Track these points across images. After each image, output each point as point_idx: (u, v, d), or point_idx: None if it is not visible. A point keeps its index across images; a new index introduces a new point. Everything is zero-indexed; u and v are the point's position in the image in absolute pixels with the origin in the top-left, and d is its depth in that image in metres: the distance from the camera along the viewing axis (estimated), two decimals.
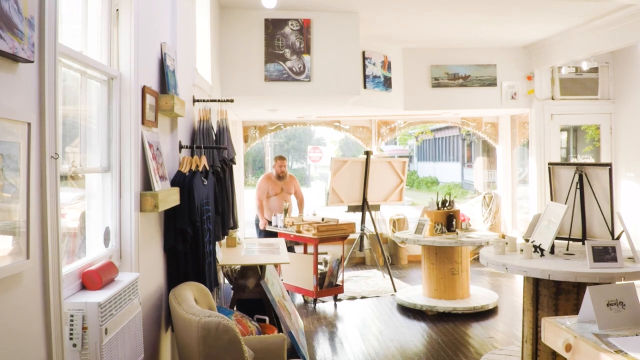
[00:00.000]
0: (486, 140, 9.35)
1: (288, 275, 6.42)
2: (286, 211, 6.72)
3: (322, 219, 6.36)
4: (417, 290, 6.41)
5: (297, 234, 6.28)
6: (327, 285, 6.16)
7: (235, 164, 4.70)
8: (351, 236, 8.57)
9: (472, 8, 5.78)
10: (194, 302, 2.82)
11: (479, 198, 9.25)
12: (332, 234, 6.21)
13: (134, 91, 2.62)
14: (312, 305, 6.13)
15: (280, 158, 7.26)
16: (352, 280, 7.32)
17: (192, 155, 3.49)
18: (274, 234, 6.61)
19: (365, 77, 6.70)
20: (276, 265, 5.36)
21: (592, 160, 8.06)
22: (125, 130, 2.61)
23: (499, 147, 9.11)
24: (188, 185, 3.18)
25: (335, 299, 6.32)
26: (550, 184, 4.18)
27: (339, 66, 5.88)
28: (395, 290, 6.70)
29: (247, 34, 5.73)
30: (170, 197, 2.93)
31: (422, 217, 6.15)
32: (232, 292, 4.56)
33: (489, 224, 8.89)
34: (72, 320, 1.97)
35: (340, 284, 6.37)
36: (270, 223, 6.91)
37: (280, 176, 7.13)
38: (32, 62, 1.66)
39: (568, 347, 1.74)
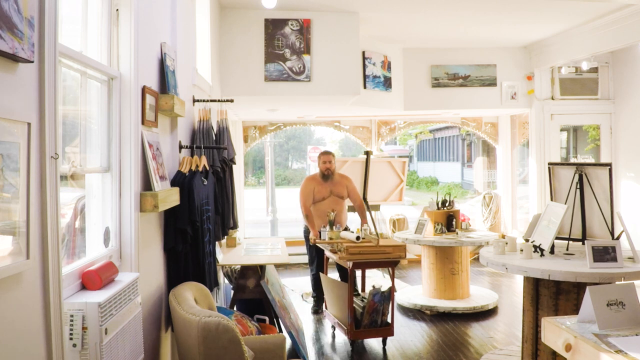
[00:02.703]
0: (486, 140, 9.35)
1: (331, 305, 5.09)
2: (332, 223, 5.13)
3: (357, 238, 4.66)
4: (417, 290, 6.41)
5: (333, 254, 4.87)
6: (368, 324, 4.63)
7: (235, 164, 4.70)
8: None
9: (472, 8, 5.78)
10: (194, 302, 2.82)
11: (479, 198, 9.25)
12: (369, 258, 4.56)
13: (134, 91, 2.62)
14: (349, 348, 4.71)
15: (325, 153, 5.85)
16: None
17: (192, 155, 3.50)
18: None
19: (365, 77, 6.70)
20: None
21: (592, 160, 8.06)
22: (125, 130, 2.61)
23: (499, 147, 9.11)
24: (188, 185, 3.18)
25: (384, 342, 4.79)
26: (550, 184, 4.17)
27: (339, 66, 5.88)
28: (395, 290, 6.70)
29: (247, 34, 5.73)
30: (170, 197, 2.93)
31: (422, 217, 6.15)
32: (232, 292, 4.56)
33: (489, 224, 8.89)
34: (72, 320, 1.97)
35: (390, 322, 4.73)
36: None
37: (326, 175, 5.72)
38: (32, 62, 1.66)
39: (568, 347, 1.74)
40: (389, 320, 4.73)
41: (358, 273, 5.59)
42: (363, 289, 5.46)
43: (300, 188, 5.85)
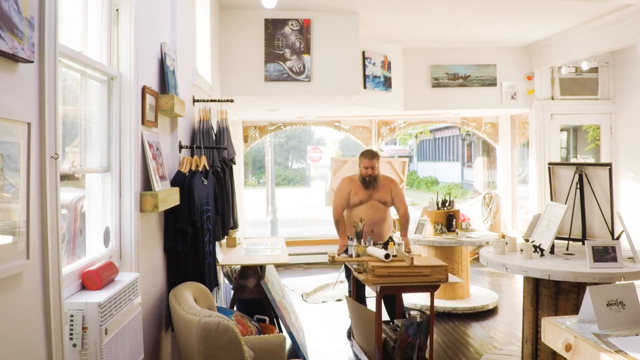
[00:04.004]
0: (486, 140, 9.35)
1: (358, 334, 4.35)
2: (359, 235, 4.27)
3: (387, 255, 3.85)
4: None
5: (359, 274, 3.99)
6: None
7: (235, 164, 4.70)
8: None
9: (472, 8, 5.78)
10: (194, 302, 2.82)
11: (479, 198, 9.25)
12: (401, 281, 3.74)
13: (134, 91, 2.62)
14: None
15: (367, 156, 4.79)
16: None
17: (192, 155, 3.50)
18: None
19: (365, 77, 6.70)
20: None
21: (592, 160, 8.06)
22: (125, 130, 2.61)
23: (499, 147, 9.11)
24: (188, 185, 3.18)
25: None
26: (550, 184, 4.17)
27: (339, 66, 5.88)
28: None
29: (247, 34, 5.73)
30: (170, 197, 2.93)
31: (422, 217, 6.15)
32: (232, 292, 4.56)
33: (489, 224, 8.89)
34: (72, 321, 1.97)
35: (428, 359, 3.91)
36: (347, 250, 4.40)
37: (368, 182, 4.74)
38: (32, 62, 1.66)
39: (568, 347, 1.74)
40: (427, 356, 3.89)
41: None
42: (399, 314, 4.52)
43: (336, 187, 5.01)
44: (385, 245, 4.35)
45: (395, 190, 4.88)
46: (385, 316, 4.35)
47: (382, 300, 4.51)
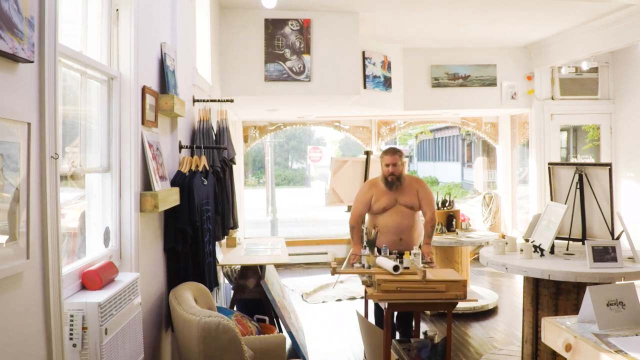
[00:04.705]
0: (486, 140, 9.35)
1: (369, 353, 4.06)
2: (372, 243, 3.96)
3: (395, 267, 3.46)
4: None
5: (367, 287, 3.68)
6: None
7: (235, 164, 4.70)
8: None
9: (472, 8, 5.78)
10: (194, 302, 2.82)
11: (479, 198, 9.25)
12: (411, 298, 3.35)
13: (134, 91, 2.62)
14: None
15: (389, 152, 4.29)
16: (352, 279, 7.31)
17: (192, 155, 3.50)
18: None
19: (365, 77, 6.70)
20: None
21: (592, 160, 8.06)
22: (125, 130, 2.61)
23: (499, 147, 9.11)
24: (188, 185, 3.18)
25: None
26: (550, 184, 4.17)
27: (339, 66, 5.88)
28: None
29: (247, 34, 5.73)
30: (170, 197, 2.93)
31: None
32: (232, 292, 4.56)
33: (489, 224, 8.89)
34: (72, 321, 1.97)
35: None
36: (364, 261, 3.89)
37: (391, 182, 4.22)
38: (32, 62, 1.66)
39: (568, 347, 1.74)
40: None
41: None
42: (417, 332, 4.10)
43: (357, 192, 4.51)
44: (400, 256, 3.90)
45: (422, 191, 4.31)
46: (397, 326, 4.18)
47: (397, 316, 4.31)
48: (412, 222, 4.30)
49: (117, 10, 2.59)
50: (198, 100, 4.03)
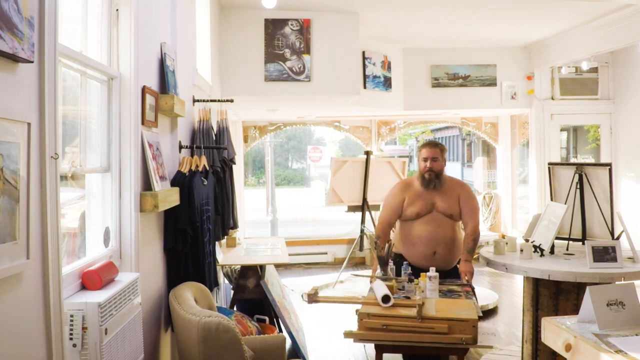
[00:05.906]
0: (486, 140, 9.35)
1: None
2: (383, 260, 3.44)
3: (385, 298, 2.80)
4: None
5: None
6: None
7: (235, 164, 4.70)
8: (351, 236, 8.66)
9: (472, 8, 5.78)
10: (194, 302, 2.82)
11: (479, 198, 9.25)
12: (402, 339, 2.62)
13: (133, 91, 2.62)
14: None
15: (428, 145, 3.68)
16: (352, 280, 7.32)
17: (192, 155, 3.49)
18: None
19: (365, 77, 6.70)
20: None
21: (592, 160, 8.06)
22: (125, 130, 2.61)
23: (499, 147, 9.11)
24: (188, 185, 3.18)
25: None
26: (550, 184, 4.17)
27: (339, 66, 5.88)
28: None
29: (247, 34, 5.73)
30: (170, 197, 2.93)
31: None
32: (232, 292, 4.56)
33: (489, 224, 8.89)
34: (72, 321, 1.97)
35: None
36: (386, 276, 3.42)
37: (428, 179, 3.59)
38: (32, 62, 1.66)
39: (568, 347, 1.74)
40: None
41: None
42: None
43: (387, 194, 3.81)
44: (415, 276, 3.18)
45: (466, 197, 3.64)
46: None
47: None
48: (450, 234, 3.61)
49: (117, 10, 2.59)
50: (198, 100, 4.03)
